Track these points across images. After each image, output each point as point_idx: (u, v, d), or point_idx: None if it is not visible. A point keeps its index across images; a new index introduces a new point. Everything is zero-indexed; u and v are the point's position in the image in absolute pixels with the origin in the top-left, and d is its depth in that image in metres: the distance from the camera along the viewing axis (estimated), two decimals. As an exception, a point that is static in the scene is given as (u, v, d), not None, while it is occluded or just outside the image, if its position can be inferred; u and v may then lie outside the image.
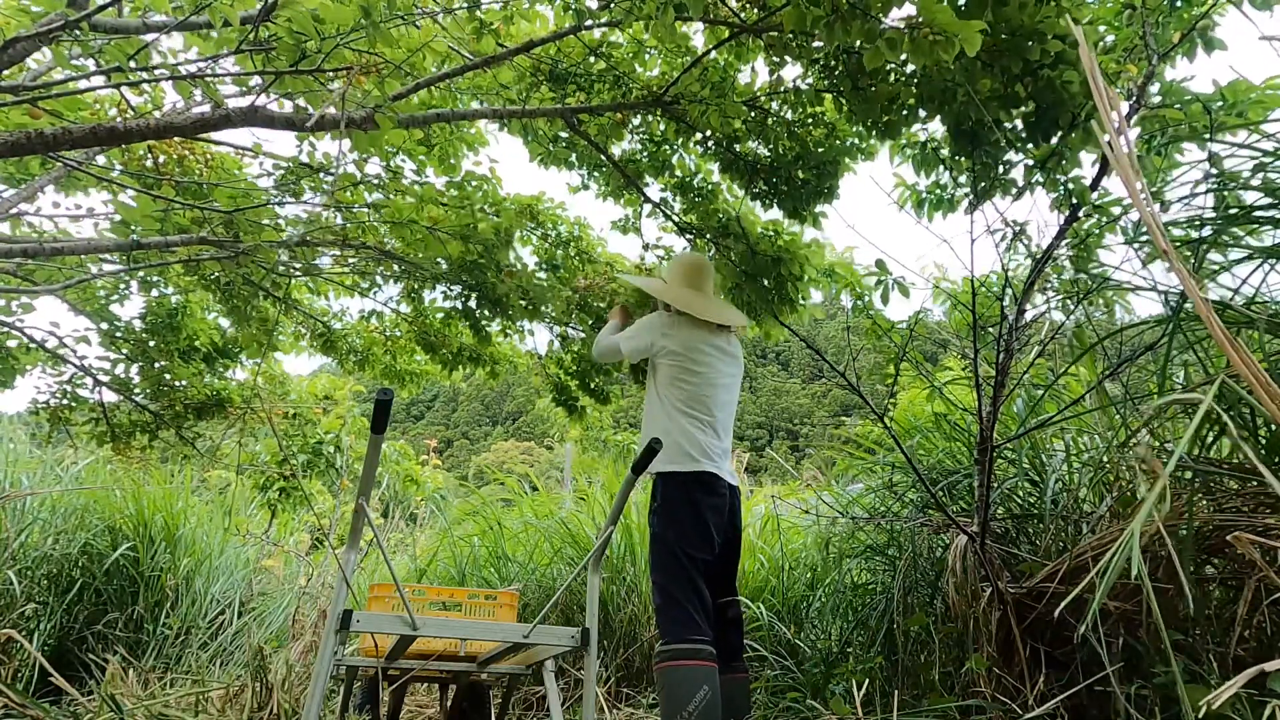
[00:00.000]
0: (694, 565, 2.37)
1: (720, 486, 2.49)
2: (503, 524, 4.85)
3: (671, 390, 2.56)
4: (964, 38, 1.87)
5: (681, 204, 3.72)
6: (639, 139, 3.56)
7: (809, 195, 3.19)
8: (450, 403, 45.71)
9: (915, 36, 1.93)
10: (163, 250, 3.31)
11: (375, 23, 2.01)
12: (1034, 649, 2.11)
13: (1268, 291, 1.76)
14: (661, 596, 2.37)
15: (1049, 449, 2.72)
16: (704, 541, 2.41)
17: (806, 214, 3.28)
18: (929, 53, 1.92)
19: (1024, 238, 2.44)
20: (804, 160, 3.10)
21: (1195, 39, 2.27)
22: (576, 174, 3.81)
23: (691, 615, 2.29)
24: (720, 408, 2.60)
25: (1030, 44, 2.08)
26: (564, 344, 4.29)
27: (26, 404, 4.51)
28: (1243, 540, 1.39)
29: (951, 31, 1.88)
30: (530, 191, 3.93)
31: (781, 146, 3.09)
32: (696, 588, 2.35)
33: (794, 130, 3.06)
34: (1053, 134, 2.24)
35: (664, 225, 3.88)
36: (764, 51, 2.78)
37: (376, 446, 1.71)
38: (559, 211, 3.97)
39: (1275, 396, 1.18)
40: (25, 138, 2.18)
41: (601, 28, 3.02)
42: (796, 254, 3.39)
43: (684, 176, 3.63)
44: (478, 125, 3.72)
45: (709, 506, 2.44)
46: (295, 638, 3.82)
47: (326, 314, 4.80)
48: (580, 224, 4.04)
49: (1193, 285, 1.32)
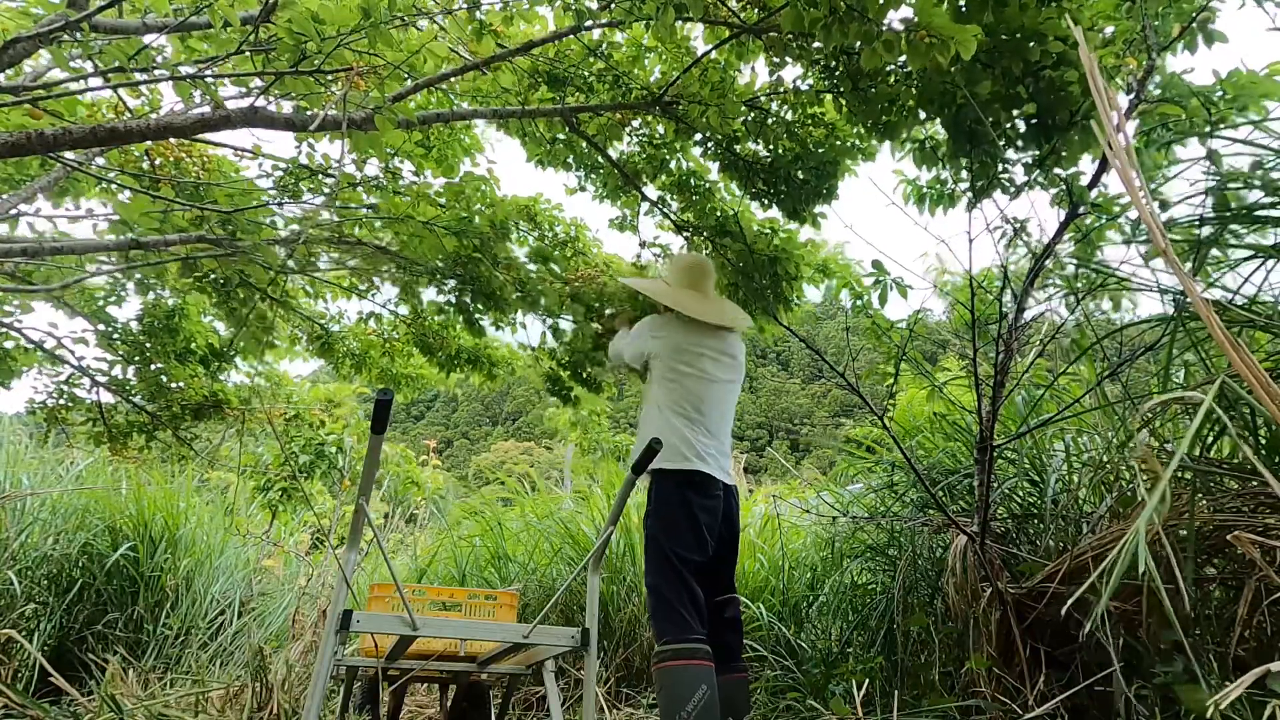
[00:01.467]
0: (686, 566, 2.38)
1: (714, 487, 2.49)
2: (503, 524, 4.85)
3: (661, 390, 2.57)
4: (960, 41, 1.89)
5: (679, 203, 3.73)
6: (638, 140, 3.57)
7: (808, 195, 3.20)
8: (450, 403, 45.68)
9: (913, 39, 1.95)
10: (161, 250, 3.31)
11: (376, 24, 2.01)
12: (1034, 649, 2.11)
13: (1270, 290, 1.76)
14: (655, 598, 2.38)
15: (1049, 449, 2.72)
16: (696, 543, 2.42)
17: (806, 214, 3.29)
18: (926, 55, 1.94)
19: (1024, 235, 2.44)
20: (803, 160, 3.11)
21: (1195, 31, 2.27)
22: (574, 175, 3.82)
23: (685, 616, 2.30)
24: (713, 407, 2.59)
25: (1031, 44, 2.09)
26: (556, 335, 4.31)
27: (24, 404, 4.50)
28: (1243, 540, 1.39)
29: (948, 35, 1.90)
30: (527, 193, 3.95)
31: (781, 147, 3.10)
32: (689, 589, 2.36)
33: (793, 130, 3.07)
34: (1054, 134, 2.25)
35: (661, 223, 3.89)
36: (764, 52, 2.78)
37: (377, 447, 1.71)
38: (556, 212, 3.99)
39: (1275, 396, 1.18)
40: (26, 138, 2.18)
41: (601, 28, 3.03)
42: (793, 253, 3.40)
43: (681, 176, 3.64)
44: (473, 133, 3.73)
45: (701, 508, 2.44)
46: (295, 638, 3.82)
47: (324, 317, 4.80)
48: (578, 224, 4.05)
49: (1192, 285, 1.32)
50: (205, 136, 3.32)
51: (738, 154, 3.21)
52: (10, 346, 4.11)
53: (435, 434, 36.28)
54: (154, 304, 4.36)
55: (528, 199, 3.87)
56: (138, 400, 4.42)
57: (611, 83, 3.21)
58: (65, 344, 4.08)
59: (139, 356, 4.34)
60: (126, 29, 2.35)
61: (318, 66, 2.05)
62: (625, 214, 3.93)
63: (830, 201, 3.25)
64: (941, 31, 1.90)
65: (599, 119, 3.36)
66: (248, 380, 5.06)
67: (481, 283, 3.76)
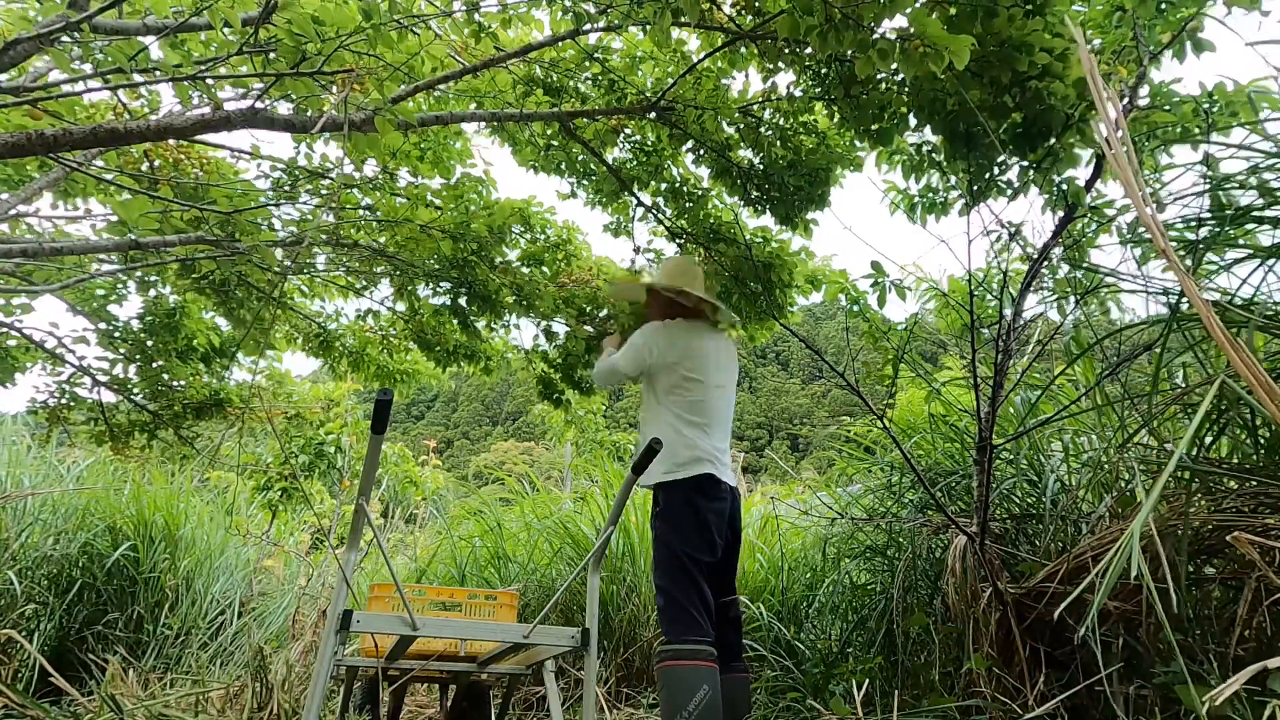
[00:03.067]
0: (697, 567, 2.40)
1: (721, 490, 2.51)
2: (502, 524, 4.85)
3: (671, 398, 2.59)
4: (954, 51, 1.90)
5: (673, 210, 3.76)
6: (630, 148, 3.59)
7: (800, 202, 3.22)
8: (450, 403, 45.70)
9: (906, 48, 1.96)
10: (160, 250, 3.31)
11: (376, 25, 2.01)
12: (1034, 649, 2.11)
13: (1266, 291, 1.76)
14: (664, 599, 2.39)
15: (1048, 449, 2.72)
16: (706, 544, 2.44)
17: (799, 221, 3.31)
18: (919, 64, 1.95)
19: (1019, 239, 2.45)
20: (796, 167, 3.12)
21: (1185, 39, 2.28)
22: (566, 182, 3.85)
23: (694, 617, 2.31)
24: (718, 411, 2.63)
25: (1019, 54, 2.10)
26: (548, 338, 4.33)
27: (25, 403, 4.51)
28: (1242, 540, 1.39)
29: (941, 44, 1.91)
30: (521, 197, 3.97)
31: (774, 153, 3.11)
32: (700, 590, 2.37)
33: (786, 137, 3.08)
34: (1039, 144, 2.26)
35: (654, 229, 3.92)
36: (757, 59, 2.79)
37: (377, 446, 1.72)
38: (548, 215, 4.01)
39: (1275, 396, 1.19)
40: (26, 139, 2.18)
41: (599, 32, 3.03)
42: (785, 261, 3.44)
43: (674, 183, 3.67)
44: (464, 139, 3.75)
45: (710, 511, 2.46)
46: (295, 638, 3.83)
47: (320, 315, 4.80)
48: (570, 228, 4.08)
49: (1191, 285, 1.32)
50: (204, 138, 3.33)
51: (730, 161, 3.23)
52: (12, 345, 4.11)
53: (435, 434, 36.28)
54: (155, 301, 4.37)
55: (522, 201, 3.90)
56: (139, 399, 4.42)
57: (607, 87, 3.22)
58: (66, 343, 4.08)
59: (140, 355, 4.34)
60: (127, 30, 2.35)
61: (318, 68, 2.05)
62: (619, 219, 3.96)
63: (822, 208, 3.27)
64: (935, 41, 1.91)
65: (595, 124, 3.38)
66: (249, 377, 5.06)
67: (478, 286, 3.78)
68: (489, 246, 3.54)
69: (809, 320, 37.01)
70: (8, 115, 2.48)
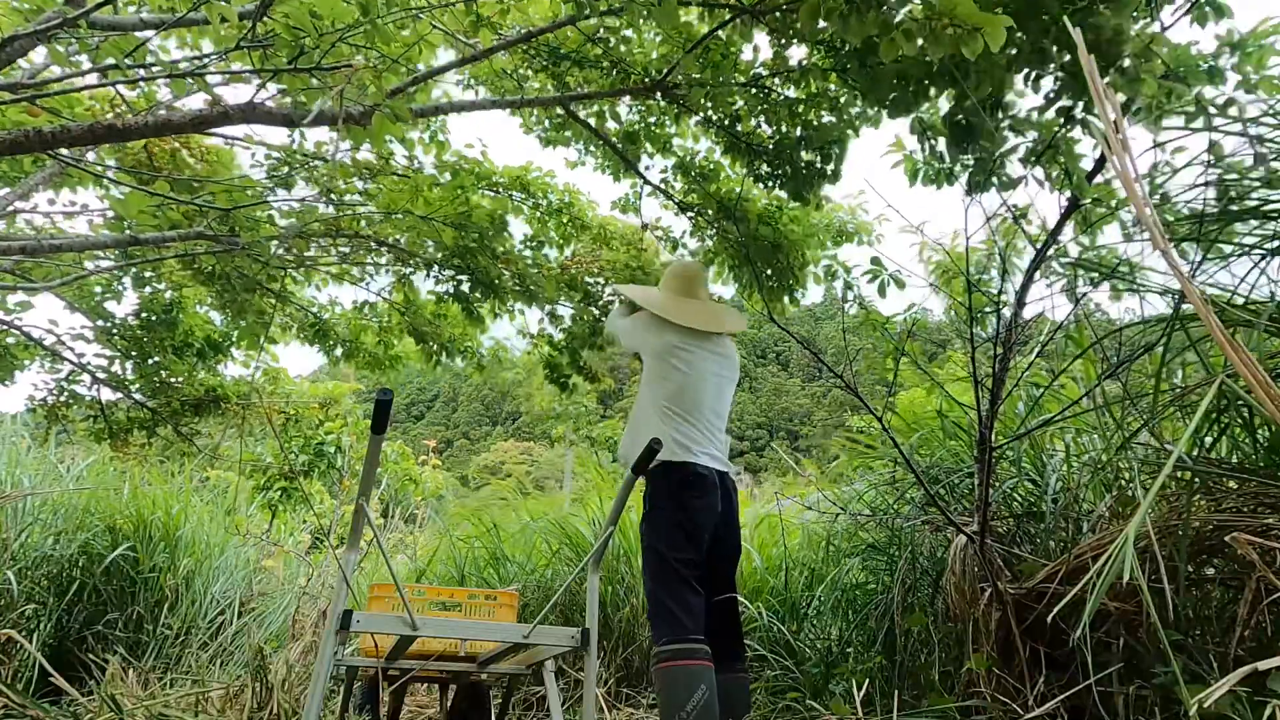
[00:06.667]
0: (685, 567, 2.39)
1: (708, 482, 2.49)
2: (498, 525, 4.85)
3: (656, 387, 2.59)
4: (988, 31, 1.73)
5: (682, 184, 3.74)
6: (638, 112, 3.57)
7: (812, 177, 3.16)
8: (450, 403, 45.70)
9: (934, 28, 1.79)
10: (159, 246, 3.30)
11: (374, 20, 2.00)
12: (1034, 649, 2.11)
13: (1267, 286, 1.75)
14: (654, 602, 2.39)
15: (1049, 449, 2.71)
16: (691, 544, 2.42)
17: (811, 196, 3.25)
18: (951, 45, 1.79)
19: (1025, 223, 2.42)
20: (807, 142, 3.07)
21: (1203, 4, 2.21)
22: (574, 149, 3.84)
23: (681, 618, 2.30)
24: (707, 405, 2.60)
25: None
26: (554, 321, 4.33)
27: (24, 401, 4.50)
28: (1241, 541, 1.38)
29: (974, 24, 1.74)
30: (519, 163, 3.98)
31: (785, 126, 3.06)
32: (689, 589, 2.37)
33: (796, 111, 3.03)
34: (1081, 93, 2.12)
35: (664, 204, 3.91)
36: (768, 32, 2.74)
37: (377, 446, 1.71)
38: (548, 180, 4.00)
39: (1275, 397, 1.18)
40: (24, 136, 2.17)
41: (600, 15, 2.99)
42: (795, 241, 3.40)
43: (684, 156, 3.64)
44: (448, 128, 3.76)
45: (696, 507, 2.44)
46: (295, 638, 3.82)
47: (313, 305, 4.80)
48: (570, 190, 4.06)
49: (1190, 285, 1.31)
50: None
51: (739, 134, 3.17)
52: (11, 343, 4.11)
53: (435, 434, 36.27)
54: (151, 298, 4.36)
55: (520, 168, 3.91)
56: (138, 396, 4.41)
57: (609, 67, 3.18)
58: (64, 341, 4.08)
59: (137, 351, 4.33)
60: (123, 25, 2.34)
61: (316, 63, 2.05)
62: (628, 195, 3.96)
63: (835, 183, 3.20)
64: (967, 19, 1.74)
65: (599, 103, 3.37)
66: (245, 372, 5.06)
67: (480, 273, 3.77)
68: (490, 235, 3.52)
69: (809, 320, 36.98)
70: (4, 112, 2.47)
